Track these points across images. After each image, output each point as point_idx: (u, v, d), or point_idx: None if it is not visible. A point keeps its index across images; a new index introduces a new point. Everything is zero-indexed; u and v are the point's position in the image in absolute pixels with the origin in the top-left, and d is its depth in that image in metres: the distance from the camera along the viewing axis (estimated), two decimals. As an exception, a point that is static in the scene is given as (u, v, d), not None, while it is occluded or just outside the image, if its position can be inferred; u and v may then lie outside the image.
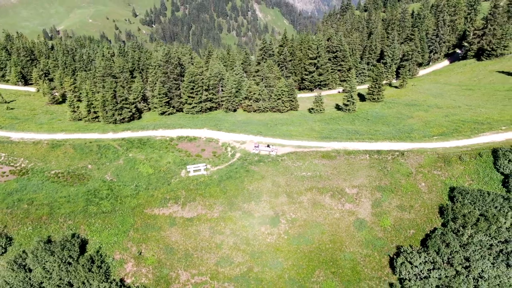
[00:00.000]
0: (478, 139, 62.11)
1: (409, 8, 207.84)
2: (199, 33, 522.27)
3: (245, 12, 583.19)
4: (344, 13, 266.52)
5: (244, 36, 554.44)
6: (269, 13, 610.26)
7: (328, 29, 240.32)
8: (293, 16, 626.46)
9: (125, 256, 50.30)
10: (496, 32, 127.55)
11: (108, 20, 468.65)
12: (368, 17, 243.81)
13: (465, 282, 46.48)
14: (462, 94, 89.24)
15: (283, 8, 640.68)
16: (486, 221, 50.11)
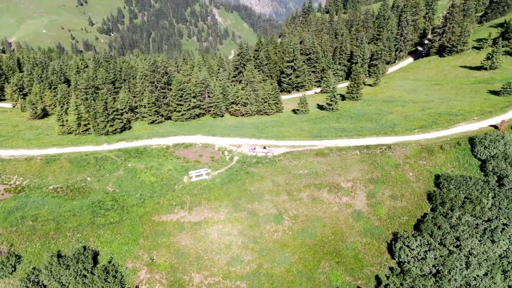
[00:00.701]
0: (455, 130, 67.82)
1: (364, 8, 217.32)
2: (159, 40, 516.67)
3: (205, 17, 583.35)
4: (307, 16, 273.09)
5: (205, 41, 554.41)
6: (229, 17, 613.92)
7: (293, 32, 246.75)
8: (252, 19, 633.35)
9: (138, 264, 51.10)
10: (454, 30, 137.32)
11: (63, 30, 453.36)
12: (330, 18, 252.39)
13: (458, 260, 50.99)
14: (432, 89, 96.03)
15: (242, 12, 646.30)
16: (471, 203, 55.21)
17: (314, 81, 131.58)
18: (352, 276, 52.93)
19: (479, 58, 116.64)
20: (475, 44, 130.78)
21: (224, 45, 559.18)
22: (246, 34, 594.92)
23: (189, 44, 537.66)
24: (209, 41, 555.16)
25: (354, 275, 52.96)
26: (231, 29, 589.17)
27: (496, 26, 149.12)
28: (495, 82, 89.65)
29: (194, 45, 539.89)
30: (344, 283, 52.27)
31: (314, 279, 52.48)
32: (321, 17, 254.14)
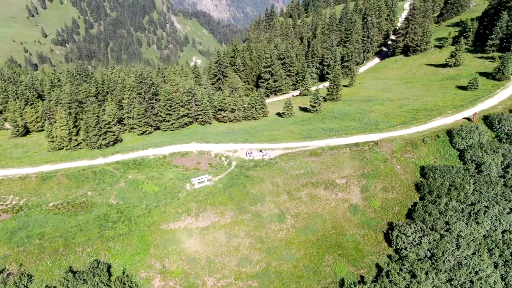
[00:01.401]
0: (433, 124, 73.42)
1: (328, 11, 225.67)
2: (118, 49, 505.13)
3: (163, 24, 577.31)
4: (270, 21, 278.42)
5: (166, 49, 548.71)
6: (188, 24, 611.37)
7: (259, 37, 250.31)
8: (212, 25, 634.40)
9: (151, 273, 51.88)
10: (416, 30, 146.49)
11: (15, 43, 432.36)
12: (294, 23, 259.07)
13: (449, 242, 55.69)
14: (405, 87, 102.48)
15: (201, 18, 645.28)
16: (455, 190, 60.37)
17: (290, 85, 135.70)
18: (354, 266, 56.32)
19: (442, 56, 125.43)
20: (436, 43, 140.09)
21: (185, 52, 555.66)
22: (206, 40, 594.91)
23: (149, 52, 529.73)
24: (170, 48, 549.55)
25: (357, 265, 56.38)
26: (191, 36, 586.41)
27: (452, 25, 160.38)
28: (461, 78, 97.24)
29: (154, 53, 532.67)
30: (348, 273, 55.51)
31: (320, 272, 55.40)
32: (284, 22, 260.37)
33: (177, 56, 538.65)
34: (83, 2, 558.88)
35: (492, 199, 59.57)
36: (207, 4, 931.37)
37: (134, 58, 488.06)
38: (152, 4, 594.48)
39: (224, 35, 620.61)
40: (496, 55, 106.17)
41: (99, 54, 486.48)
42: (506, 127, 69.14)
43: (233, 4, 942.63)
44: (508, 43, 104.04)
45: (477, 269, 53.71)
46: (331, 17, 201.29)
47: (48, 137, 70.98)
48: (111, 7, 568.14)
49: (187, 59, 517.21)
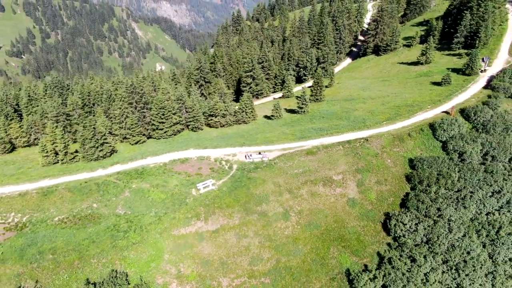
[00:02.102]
0: (416, 118, 78.68)
1: (297, 14, 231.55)
2: (78, 58, 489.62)
3: (124, 32, 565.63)
4: (237, 25, 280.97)
5: (128, 56, 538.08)
6: (149, 31, 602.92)
7: (229, 41, 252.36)
8: (174, 31, 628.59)
9: (167, 279, 52.95)
10: (385, 31, 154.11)
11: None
12: (261, 26, 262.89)
13: (442, 227, 60.34)
14: (382, 85, 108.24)
15: (162, 24, 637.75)
16: (443, 178, 65.37)
17: (270, 87, 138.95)
18: (358, 256, 59.82)
19: (411, 54, 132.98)
20: (404, 42, 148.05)
21: (148, 59, 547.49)
22: (168, 46, 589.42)
23: (110, 60, 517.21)
24: (132, 56, 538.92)
25: (359, 255, 59.91)
26: (153, 42, 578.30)
27: (416, 25, 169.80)
28: (433, 74, 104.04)
29: (116, 61, 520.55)
30: (353, 263, 58.93)
31: (327, 264, 58.46)
32: (252, 25, 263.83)
33: (140, 63, 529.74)
34: (37, 11, 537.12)
35: (475, 185, 65.01)
36: (167, 10, 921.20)
37: (95, 67, 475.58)
38: (111, 11, 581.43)
39: (187, 41, 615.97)
40: (462, 52, 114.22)
41: (58, 64, 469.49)
42: (481, 118, 75.40)
43: (193, 9, 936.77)
44: (472, 40, 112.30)
45: (468, 250, 58.63)
46: (301, 20, 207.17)
47: (43, 152, 69.93)
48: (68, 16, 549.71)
49: (150, 66, 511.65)
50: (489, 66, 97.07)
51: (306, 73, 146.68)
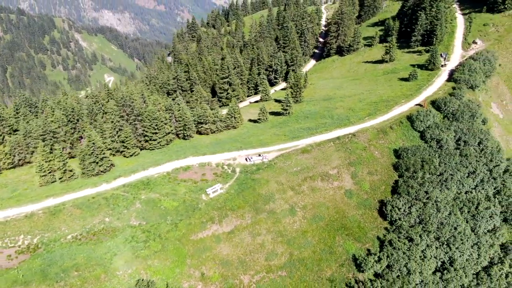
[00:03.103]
0: (393, 112, 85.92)
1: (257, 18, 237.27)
2: (19, 74, 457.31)
3: (67, 43, 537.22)
4: (193, 32, 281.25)
5: (74, 69, 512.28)
6: (94, 41, 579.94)
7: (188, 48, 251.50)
8: (120, 40, 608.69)
9: (192, 282, 54.96)
10: (346, 32, 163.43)
11: None
12: (218, 32, 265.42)
13: (431, 208, 67.29)
14: (354, 84, 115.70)
15: (107, 33, 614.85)
16: (427, 164, 72.54)
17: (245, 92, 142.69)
18: (360, 242, 65.15)
19: (373, 53, 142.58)
20: (365, 42, 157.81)
21: (95, 70, 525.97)
22: (116, 56, 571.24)
23: (55, 74, 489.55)
24: (78, 68, 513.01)
25: (362, 241, 65.27)
26: (99, 53, 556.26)
27: (372, 25, 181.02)
28: (399, 71, 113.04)
29: (61, 74, 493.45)
30: (357, 249, 64.14)
31: (335, 252, 63.21)
32: (210, 32, 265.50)
33: (87, 75, 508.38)
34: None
35: (454, 168, 72.82)
36: (109, 18, 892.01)
37: (39, 82, 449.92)
38: (52, 23, 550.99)
39: (135, 49, 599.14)
40: (421, 49, 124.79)
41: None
42: (451, 108, 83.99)
43: (137, 17, 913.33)
44: (429, 38, 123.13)
45: (455, 226, 65.95)
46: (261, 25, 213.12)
47: (41, 171, 68.62)
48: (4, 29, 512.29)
49: (98, 77, 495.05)
50: (448, 61, 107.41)
51: (277, 76, 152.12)
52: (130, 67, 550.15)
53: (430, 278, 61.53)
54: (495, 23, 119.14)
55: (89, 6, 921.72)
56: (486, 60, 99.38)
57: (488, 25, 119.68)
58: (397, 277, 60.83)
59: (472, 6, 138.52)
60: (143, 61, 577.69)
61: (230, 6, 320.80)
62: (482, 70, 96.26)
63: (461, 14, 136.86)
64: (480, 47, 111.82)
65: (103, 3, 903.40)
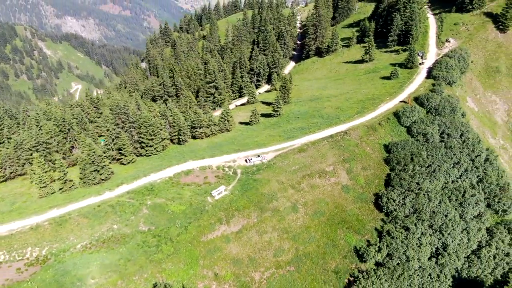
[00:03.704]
0: (380, 110, 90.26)
1: (229, 23, 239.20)
2: None
3: (31, 52, 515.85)
4: (166, 37, 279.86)
5: (38, 78, 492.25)
6: (59, 49, 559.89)
7: (163, 54, 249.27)
8: (86, 47, 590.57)
9: (207, 282, 56.41)
10: (324, 34, 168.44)
11: None
12: (193, 37, 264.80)
13: (423, 198, 71.54)
14: (338, 84, 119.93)
15: (72, 41, 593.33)
16: (416, 157, 76.92)
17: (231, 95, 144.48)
18: (360, 234, 68.52)
19: (352, 54, 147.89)
20: (342, 43, 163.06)
21: (62, 79, 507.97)
22: (82, 64, 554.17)
23: (19, 84, 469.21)
24: (43, 77, 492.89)
25: (361, 233, 68.68)
26: (65, 61, 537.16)
27: (347, 26, 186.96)
28: (380, 70, 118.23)
29: (26, 84, 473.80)
30: (358, 240, 67.47)
31: (338, 245, 66.25)
32: (184, 36, 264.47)
33: (53, 84, 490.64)
34: None
35: (440, 159, 77.66)
36: (73, 25, 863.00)
37: (1, 93, 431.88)
38: (13, 31, 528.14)
39: (102, 56, 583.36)
40: (398, 48, 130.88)
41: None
42: (433, 103, 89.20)
43: (102, 23, 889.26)
44: (406, 38, 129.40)
45: (446, 213, 70.48)
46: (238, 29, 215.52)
47: (40, 183, 67.88)
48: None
49: (65, 86, 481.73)
50: (425, 59, 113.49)
51: (260, 79, 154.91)
52: (98, 74, 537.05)
53: (427, 264, 65.60)
54: (465, 22, 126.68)
55: (51, 13, 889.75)
56: (461, 57, 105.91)
57: (459, 24, 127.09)
58: (397, 265, 64.48)
59: (441, 7, 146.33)
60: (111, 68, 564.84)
61: (203, 10, 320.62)
62: (457, 66, 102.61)
63: (432, 15, 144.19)
64: (453, 45, 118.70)
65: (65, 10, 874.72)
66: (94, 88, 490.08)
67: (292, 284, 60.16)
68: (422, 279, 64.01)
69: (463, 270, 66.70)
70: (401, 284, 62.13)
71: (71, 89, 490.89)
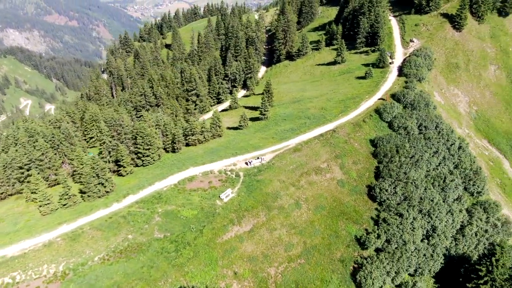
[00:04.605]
0: (362, 108, 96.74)
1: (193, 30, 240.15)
2: None
3: None
4: (127, 47, 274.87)
5: None
6: (4, 63, 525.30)
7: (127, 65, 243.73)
8: (34, 60, 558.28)
9: (228, 281, 58.96)
10: (293, 38, 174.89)
11: None
12: (155, 46, 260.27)
13: (411, 185, 78.14)
14: (315, 85, 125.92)
15: (18, 54, 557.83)
16: (401, 149, 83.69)
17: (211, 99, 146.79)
18: (358, 224, 73.78)
19: (322, 56, 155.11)
20: (311, 47, 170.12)
21: (9, 94, 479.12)
22: (31, 78, 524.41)
23: None
24: None
25: (359, 222, 73.96)
26: (11, 76, 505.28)
27: (312, 30, 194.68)
28: (354, 70, 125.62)
29: None
30: (357, 230, 72.69)
31: (341, 236, 71.06)
32: (147, 46, 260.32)
33: (0, 100, 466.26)
34: None
35: (421, 150, 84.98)
36: (16, 38, 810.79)
37: None
38: None
39: (52, 69, 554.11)
40: (366, 50, 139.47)
41: None
42: (408, 99, 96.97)
43: (47, 35, 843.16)
44: (372, 39, 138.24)
45: (431, 198, 77.49)
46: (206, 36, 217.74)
47: (44, 200, 67.05)
48: None
49: (13, 102, 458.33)
50: (393, 59, 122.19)
51: (236, 84, 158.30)
52: (49, 88, 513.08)
53: (422, 245, 71.89)
54: (425, 23, 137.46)
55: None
56: (426, 55, 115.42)
57: (419, 25, 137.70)
58: (395, 249, 70.21)
59: (401, 9, 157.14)
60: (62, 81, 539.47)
61: (163, 19, 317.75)
62: (424, 64, 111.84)
63: (393, 17, 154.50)
64: (416, 44, 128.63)
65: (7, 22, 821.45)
66: (45, 103, 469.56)
67: (304, 275, 64.03)
68: (418, 259, 70.01)
69: (452, 248, 73.63)
70: (401, 265, 67.79)
71: (20, 105, 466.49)
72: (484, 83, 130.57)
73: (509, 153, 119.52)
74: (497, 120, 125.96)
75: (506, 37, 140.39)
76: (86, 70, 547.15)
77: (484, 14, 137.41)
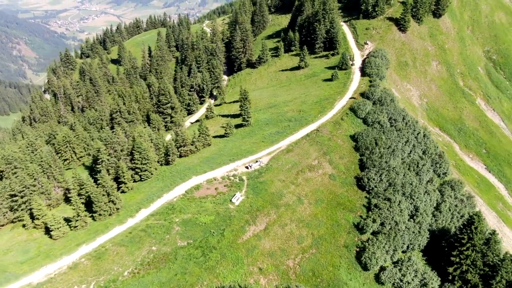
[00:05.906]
0: (337, 107, 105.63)
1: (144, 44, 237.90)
2: None
3: None
4: (69, 64, 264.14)
5: None
6: None
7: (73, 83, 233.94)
8: None
9: (255, 277, 63.26)
10: (252, 47, 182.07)
11: None
12: (101, 61, 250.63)
13: (392, 172, 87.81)
14: (285, 90, 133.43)
15: None
16: (379, 141, 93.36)
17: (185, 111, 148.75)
18: (353, 212, 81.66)
19: (283, 62, 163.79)
20: (270, 54, 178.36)
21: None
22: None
23: None
24: None
25: (354, 211, 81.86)
26: None
27: (267, 38, 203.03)
28: (319, 74, 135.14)
29: None
30: (353, 217, 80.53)
31: (341, 225, 78.33)
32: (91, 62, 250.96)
33: None
34: None
35: (395, 140, 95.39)
36: None
37: None
38: None
39: None
40: (326, 54, 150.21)
41: None
42: (375, 96, 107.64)
43: None
44: (330, 44, 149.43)
45: (411, 182, 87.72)
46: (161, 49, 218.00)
47: (55, 224, 66.08)
48: None
49: None
50: (353, 61, 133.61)
51: (204, 94, 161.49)
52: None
53: (410, 224, 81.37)
54: (374, 26, 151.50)
55: None
56: (383, 56, 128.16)
57: (370, 29, 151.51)
58: (390, 229, 78.91)
59: (349, 15, 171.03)
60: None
61: (105, 34, 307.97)
62: (383, 64, 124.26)
63: (343, 23, 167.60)
64: (371, 46, 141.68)
65: None
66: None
67: (318, 263, 70.18)
68: (409, 236, 79.29)
69: (433, 224, 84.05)
70: (396, 243, 76.47)
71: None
72: (430, 77, 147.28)
73: (457, 137, 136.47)
74: (444, 110, 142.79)
75: (442, 36, 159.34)
76: (12, 92, 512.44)
77: (423, 16, 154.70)
